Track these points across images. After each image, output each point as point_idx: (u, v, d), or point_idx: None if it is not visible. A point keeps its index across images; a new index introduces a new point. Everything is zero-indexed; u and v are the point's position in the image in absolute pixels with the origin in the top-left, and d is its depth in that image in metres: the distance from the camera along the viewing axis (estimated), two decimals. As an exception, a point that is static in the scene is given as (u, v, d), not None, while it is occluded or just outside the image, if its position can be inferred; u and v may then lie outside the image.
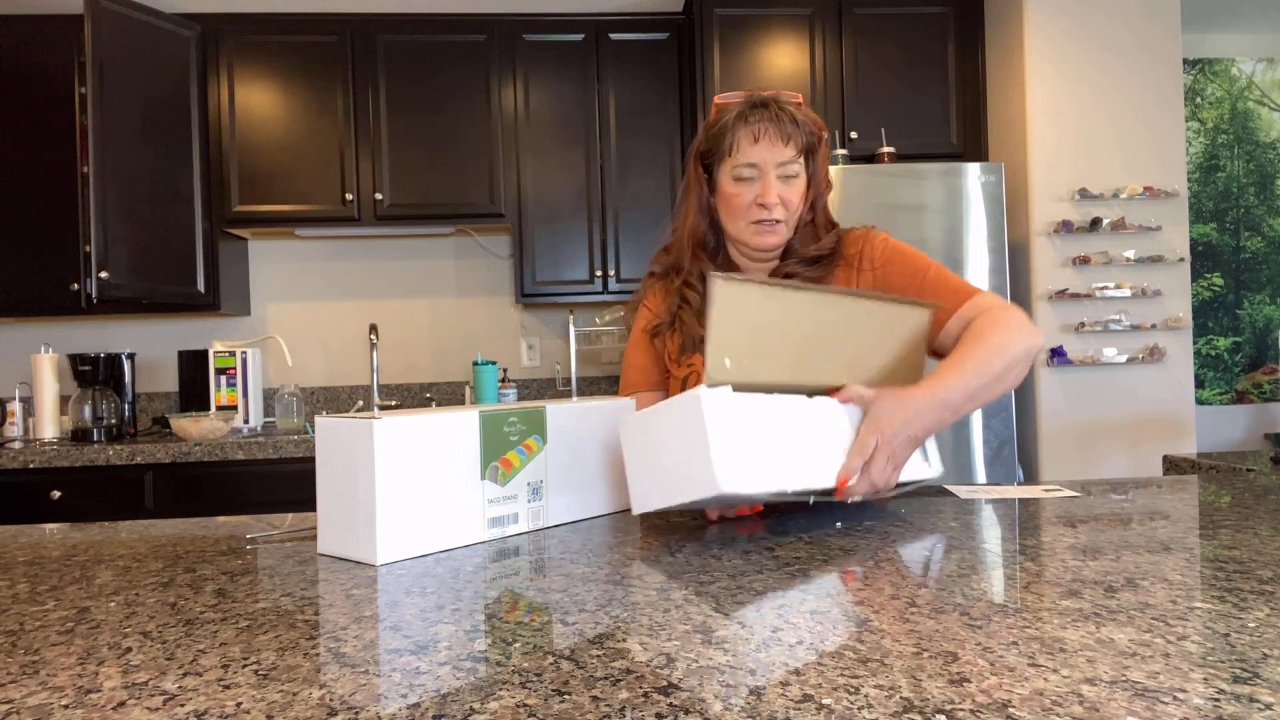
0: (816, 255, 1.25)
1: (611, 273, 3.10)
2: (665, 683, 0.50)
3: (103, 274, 2.59)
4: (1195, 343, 3.61)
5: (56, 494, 2.54)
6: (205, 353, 3.03)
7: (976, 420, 2.68)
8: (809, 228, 1.27)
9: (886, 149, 2.88)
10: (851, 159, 2.90)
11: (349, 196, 3.00)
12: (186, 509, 2.58)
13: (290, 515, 1.08)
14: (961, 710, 0.45)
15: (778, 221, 1.21)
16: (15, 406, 2.96)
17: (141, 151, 2.74)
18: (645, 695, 0.48)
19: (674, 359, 1.28)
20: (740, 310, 0.87)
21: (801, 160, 1.21)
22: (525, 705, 0.47)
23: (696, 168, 1.28)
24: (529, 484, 0.94)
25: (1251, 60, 3.69)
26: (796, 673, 0.51)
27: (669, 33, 3.13)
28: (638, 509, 0.91)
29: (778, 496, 0.88)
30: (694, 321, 1.25)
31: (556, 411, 0.97)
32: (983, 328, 1.10)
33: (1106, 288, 2.77)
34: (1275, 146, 3.70)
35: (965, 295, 1.17)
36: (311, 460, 2.63)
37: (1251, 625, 0.57)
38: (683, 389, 1.24)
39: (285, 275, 3.36)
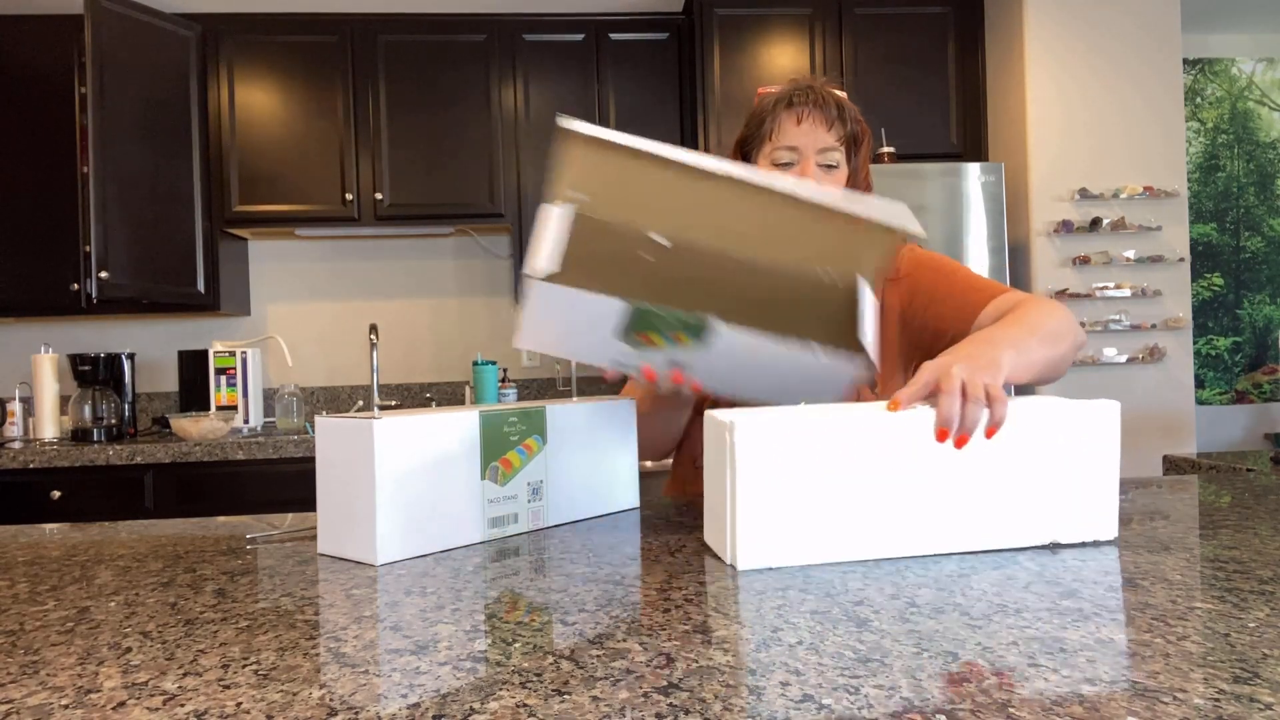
0: None
1: (611, 273, 3.09)
2: (665, 683, 0.50)
3: (103, 274, 2.59)
4: (1195, 343, 3.61)
5: (56, 494, 2.54)
6: (205, 353, 3.03)
7: (976, 420, 2.68)
8: None
9: (886, 149, 2.88)
10: (851, 159, 2.90)
11: (349, 196, 3.00)
12: (186, 509, 2.58)
13: (290, 515, 1.08)
14: (961, 710, 0.45)
15: None
16: (15, 406, 2.96)
17: (141, 151, 2.74)
18: (645, 695, 0.48)
19: None
20: (599, 160, 0.79)
21: (843, 151, 1.16)
22: (525, 705, 0.47)
23: (735, 158, 1.23)
24: (529, 484, 0.94)
25: (1251, 60, 3.69)
26: (796, 673, 0.51)
27: (669, 33, 3.13)
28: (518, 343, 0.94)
29: None
30: None
31: (556, 411, 0.97)
32: (1033, 305, 1.02)
33: (1106, 288, 2.77)
34: (1275, 146, 3.70)
35: (999, 290, 1.11)
36: (311, 460, 2.63)
37: (1251, 625, 0.57)
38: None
39: (285, 275, 3.36)
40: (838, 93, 1.18)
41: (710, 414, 0.80)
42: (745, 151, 1.23)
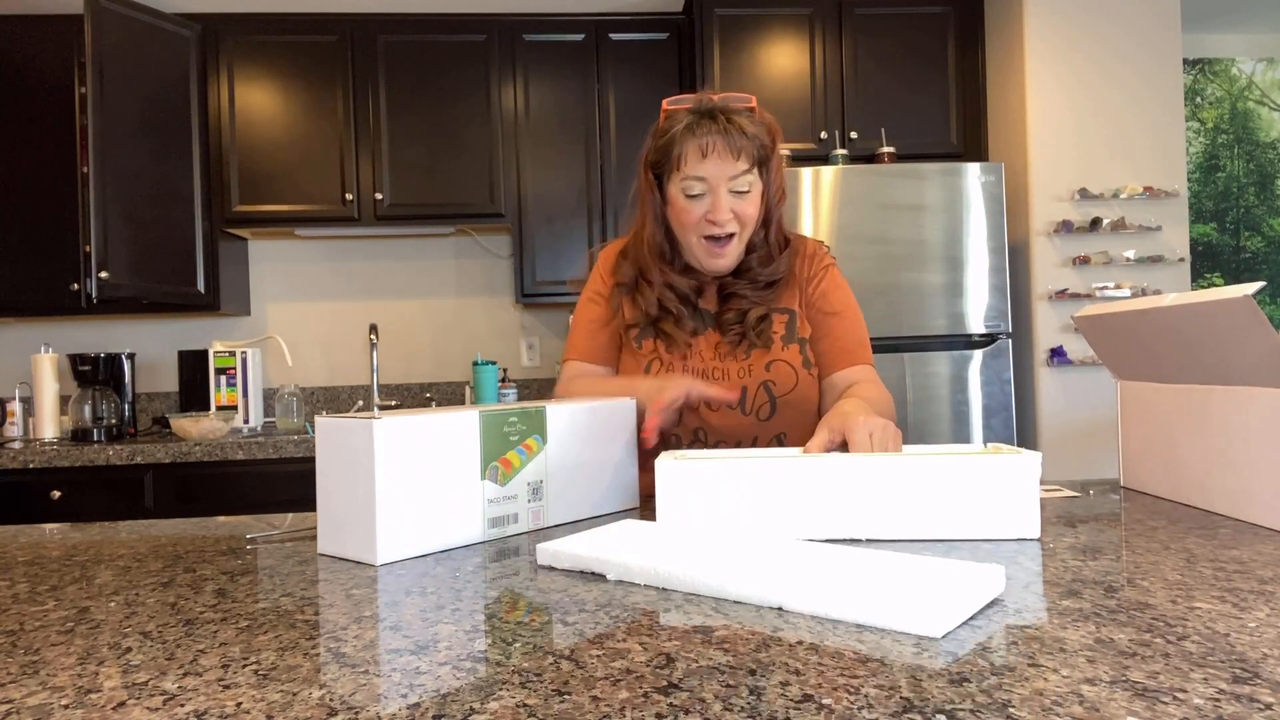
0: (769, 280, 1.25)
1: (611, 273, 3.09)
2: (665, 683, 0.50)
3: (103, 274, 2.59)
4: (1195, 343, 3.60)
5: (56, 494, 2.54)
6: (205, 353, 3.03)
7: (976, 420, 2.68)
8: (764, 247, 1.25)
9: (886, 149, 2.88)
10: (851, 159, 2.90)
11: (349, 196, 3.00)
12: (186, 509, 2.58)
13: (290, 515, 1.08)
14: (961, 710, 0.45)
15: (730, 236, 1.18)
16: (15, 406, 2.96)
17: (141, 151, 2.74)
18: (645, 695, 0.48)
19: (634, 340, 1.27)
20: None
21: (754, 172, 1.17)
22: (525, 705, 0.47)
23: (647, 175, 1.24)
24: (529, 484, 0.94)
25: (1251, 60, 3.69)
26: (796, 673, 0.51)
27: (669, 33, 3.13)
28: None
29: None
30: (676, 332, 1.23)
31: (556, 411, 0.97)
32: (875, 388, 1.20)
33: (1106, 288, 2.77)
34: (1275, 146, 3.70)
35: (860, 359, 1.26)
36: (311, 460, 2.63)
37: (1251, 625, 0.57)
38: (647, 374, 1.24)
39: (285, 275, 3.36)
40: (745, 107, 1.19)
41: None
42: (656, 174, 1.24)
